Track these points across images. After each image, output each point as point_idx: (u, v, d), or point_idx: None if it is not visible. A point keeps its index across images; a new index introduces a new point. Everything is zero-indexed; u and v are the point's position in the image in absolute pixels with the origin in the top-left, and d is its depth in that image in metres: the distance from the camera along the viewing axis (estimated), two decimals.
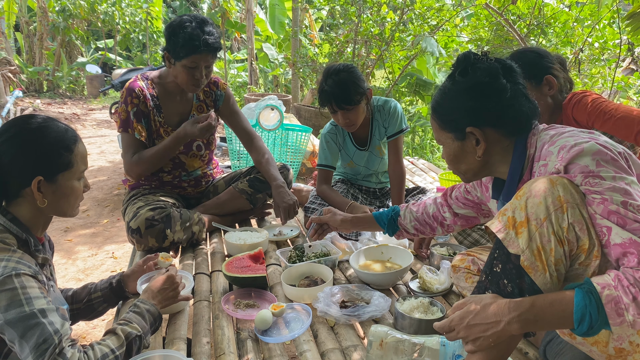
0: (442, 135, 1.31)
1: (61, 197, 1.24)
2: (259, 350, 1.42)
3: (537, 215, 1.02)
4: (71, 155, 1.24)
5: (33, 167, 1.19)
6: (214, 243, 2.22)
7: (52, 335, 1.04)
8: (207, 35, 2.05)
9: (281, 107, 3.85)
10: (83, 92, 11.57)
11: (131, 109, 2.17)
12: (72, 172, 1.25)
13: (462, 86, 1.23)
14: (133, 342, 1.18)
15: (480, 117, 1.22)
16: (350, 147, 2.53)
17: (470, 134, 1.23)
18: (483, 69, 1.21)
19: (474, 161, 1.27)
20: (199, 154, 2.40)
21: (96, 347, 1.10)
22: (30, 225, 1.24)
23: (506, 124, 1.22)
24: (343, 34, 6.57)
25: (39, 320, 1.05)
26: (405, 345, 1.27)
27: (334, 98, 2.20)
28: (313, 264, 1.87)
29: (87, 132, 7.62)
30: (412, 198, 2.59)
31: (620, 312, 0.93)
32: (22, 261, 1.12)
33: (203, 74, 2.14)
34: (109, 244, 3.56)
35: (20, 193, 1.20)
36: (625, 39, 4.42)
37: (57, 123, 1.27)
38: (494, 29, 5.18)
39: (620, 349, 1.01)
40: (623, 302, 0.93)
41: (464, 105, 1.23)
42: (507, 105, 1.20)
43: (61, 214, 1.29)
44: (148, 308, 1.30)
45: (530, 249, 1.02)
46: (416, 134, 6.70)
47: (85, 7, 10.71)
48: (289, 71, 9.14)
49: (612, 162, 1.03)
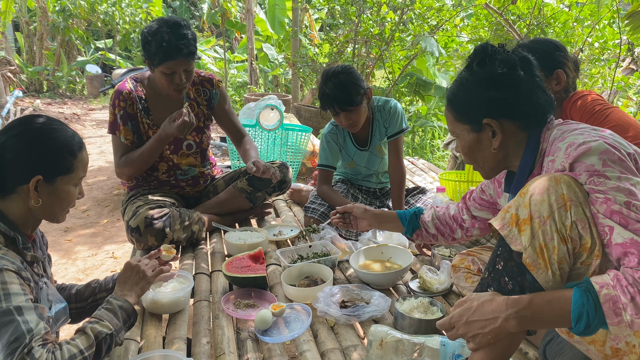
0: (457, 127, 1.29)
1: (55, 199, 1.25)
2: (258, 350, 1.42)
3: (540, 213, 1.02)
4: (74, 160, 1.26)
5: (35, 165, 1.20)
6: (213, 243, 2.22)
7: (24, 334, 1.03)
8: (180, 40, 2.01)
9: (281, 107, 3.84)
10: (83, 92, 11.57)
11: (118, 111, 2.16)
12: (71, 177, 1.26)
13: (479, 77, 1.23)
14: (103, 342, 1.15)
15: (497, 108, 1.21)
16: (350, 147, 2.53)
17: (486, 125, 1.22)
18: (501, 60, 1.20)
19: (490, 153, 1.26)
20: (189, 152, 2.38)
21: (64, 346, 1.08)
22: (20, 222, 1.24)
23: (522, 115, 1.21)
24: (343, 34, 6.57)
25: (14, 317, 1.04)
26: (405, 345, 1.27)
27: (335, 101, 2.20)
28: (313, 264, 1.87)
29: (87, 132, 7.62)
30: (412, 198, 2.59)
31: (618, 312, 0.93)
32: (5, 257, 1.12)
33: (183, 78, 2.11)
34: (109, 243, 3.56)
35: (16, 189, 1.21)
36: (625, 39, 4.42)
37: (66, 127, 1.29)
38: (493, 29, 5.18)
39: (616, 349, 1.01)
40: (621, 301, 0.93)
41: (481, 96, 1.22)
42: (524, 97, 1.19)
43: (50, 217, 1.29)
44: (120, 304, 1.27)
45: (533, 247, 1.02)
46: (416, 134, 6.69)
47: (85, 7, 10.71)
48: (289, 71, 9.14)
49: (619, 162, 1.02)
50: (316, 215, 2.36)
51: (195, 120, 2.17)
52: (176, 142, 2.32)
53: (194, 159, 2.41)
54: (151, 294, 1.58)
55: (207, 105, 2.40)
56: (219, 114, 2.45)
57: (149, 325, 1.53)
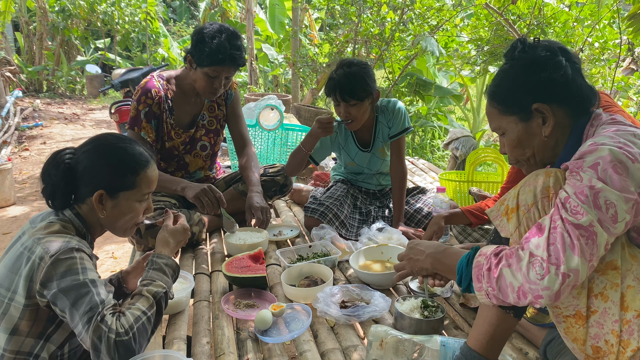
0: (503, 121, 1.23)
1: (119, 213, 1.34)
2: (258, 350, 1.42)
3: (525, 202, 1.09)
4: (136, 178, 1.33)
5: (98, 180, 1.29)
6: (213, 243, 2.22)
7: (98, 304, 1.13)
8: (234, 50, 2.07)
9: (281, 107, 3.84)
10: (83, 92, 11.56)
11: (142, 108, 2.17)
12: (133, 192, 1.33)
13: (524, 62, 1.19)
14: (162, 300, 1.23)
15: (546, 91, 1.16)
16: (352, 148, 2.52)
17: (536, 111, 1.17)
18: (542, 47, 1.19)
19: (540, 142, 1.20)
20: (202, 154, 2.40)
21: (127, 312, 1.16)
22: (90, 226, 1.34)
23: (571, 99, 1.17)
24: (343, 34, 6.56)
25: (90, 289, 1.15)
26: (405, 345, 1.27)
27: (339, 88, 2.19)
28: (313, 264, 1.87)
29: (87, 132, 7.62)
30: (412, 198, 2.58)
31: (479, 279, 1.05)
32: (81, 242, 1.25)
33: (222, 84, 2.16)
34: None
35: (85, 200, 1.31)
36: (625, 39, 4.42)
37: (134, 145, 1.36)
38: (494, 29, 5.17)
39: (597, 347, 1.02)
40: (483, 270, 1.04)
41: (528, 81, 1.18)
42: (571, 79, 1.17)
43: (115, 229, 1.38)
44: (165, 262, 1.34)
45: (519, 232, 1.10)
46: (416, 134, 6.69)
47: (85, 7, 10.70)
48: (289, 71, 9.14)
49: (610, 170, 0.96)
50: (316, 215, 2.35)
51: (215, 121, 2.28)
52: (191, 141, 2.33)
53: (204, 162, 2.43)
54: None
55: (224, 105, 2.42)
56: (229, 115, 2.46)
57: None
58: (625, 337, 0.99)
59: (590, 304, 1.02)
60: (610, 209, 0.94)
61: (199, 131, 2.35)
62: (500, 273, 1.00)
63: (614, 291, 1.00)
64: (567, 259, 0.93)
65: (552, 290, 0.94)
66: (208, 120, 2.37)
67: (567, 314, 1.05)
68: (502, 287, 1.00)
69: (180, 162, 2.34)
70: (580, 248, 0.93)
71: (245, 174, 2.37)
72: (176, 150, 2.31)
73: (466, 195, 2.89)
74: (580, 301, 1.03)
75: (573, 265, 0.93)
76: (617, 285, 1.00)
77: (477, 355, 1.15)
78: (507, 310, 1.13)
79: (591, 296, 1.02)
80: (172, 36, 13.17)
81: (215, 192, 2.10)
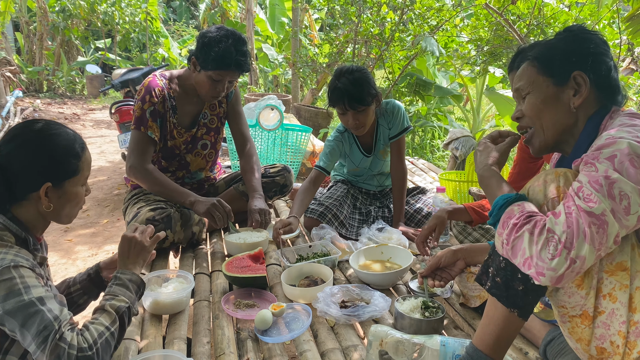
0: (537, 80, 1.21)
1: (66, 202, 1.28)
2: (259, 350, 1.42)
3: (537, 202, 1.08)
4: (79, 162, 1.28)
5: (43, 173, 1.23)
6: (214, 243, 2.22)
7: (52, 321, 1.07)
8: (240, 56, 2.07)
9: (281, 107, 3.85)
10: (83, 92, 11.56)
11: (147, 107, 2.17)
12: (78, 178, 1.29)
13: (571, 34, 1.20)
14: (124, 315, 1.20)
15: (590, 65, 1.16)
16: (357, 154, 2.51)
17: (573, 80, 1.17)
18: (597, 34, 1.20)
19: (562, 114, 1.19)
20: (203, 152, 2.40)
21: (91, 327, 1.12)
22: (31, 226, 1.27)
23: (605, 85, 1.17)
24: (343, 34, 6.56)
25: (38, 307, 1.08)
26: (405, 345, 1.27)
27: (347, 96, 2.18)
28: (313, 264, 1.87)
29: (87, 132, 7.62)
30: (412, 198, 2.59)
31: (504, 226, 1.05)
32: (19, 254, 1.15)
33: (225, 87, 2.16)
34: (109, 243, 3.56)
35: (27, 197, 1.24)
36: (625, 39, 4.42)
37: (66, 130, 1.30)
38: (493, 29, 5.17)
39: (601, 348, 1.02)
40: (511, 221, 1.03)
41: (578, 50, 1.18)
42: (613, 68, 1.18)
43: (62, 219, 1.32)
44: (129, 277, 1.31)
45: None
46: (416, 134, 6.69)
47: (85, 7, 10.70)
48: (289, 71, 9.14)
49: (627, 163, 0.96)
50: (315, 215, 2.35)
51: (216, 119, 2.30)
52: (193, 140, 2.33)
53: (205, 162, 2.43)
54: (153, 295, 1.58)
55: (225, 103, 2.42)
56: (229, 112, 2.46)
57: (149, 325, 1.53)
58: (632, 338, 0.99)
59: (597, 305, 1.02)
60: (624, 200, 0.94)
61: (200, 130, 2.35)
62: (521, 235, 1.00)
63: (623, 292, 1.00)
64: (578, 245, 0.93)
65: (557, 273, 0.94)
66: (209, 119, 2.37)
67: (573, 314, 1.05)
68: (515, 247, 1.01)
69: (182, 161, 2.34)
70: (590, 236, 0.93)
71: (247, 178, 2.37)
72: (177, 149, 2.31)
73: (466, 195, 2.89)
74: (588, 301, 1.02)
75: (582, 252, 0.93)
76: (626, 287, 1.00)
77: (484, 355, 1.14)
78: (512, 309, 1.10)
79: (599, 296, 1.02)
80: (171, 36, 13.18)
81: (225, 207, 2.08)
